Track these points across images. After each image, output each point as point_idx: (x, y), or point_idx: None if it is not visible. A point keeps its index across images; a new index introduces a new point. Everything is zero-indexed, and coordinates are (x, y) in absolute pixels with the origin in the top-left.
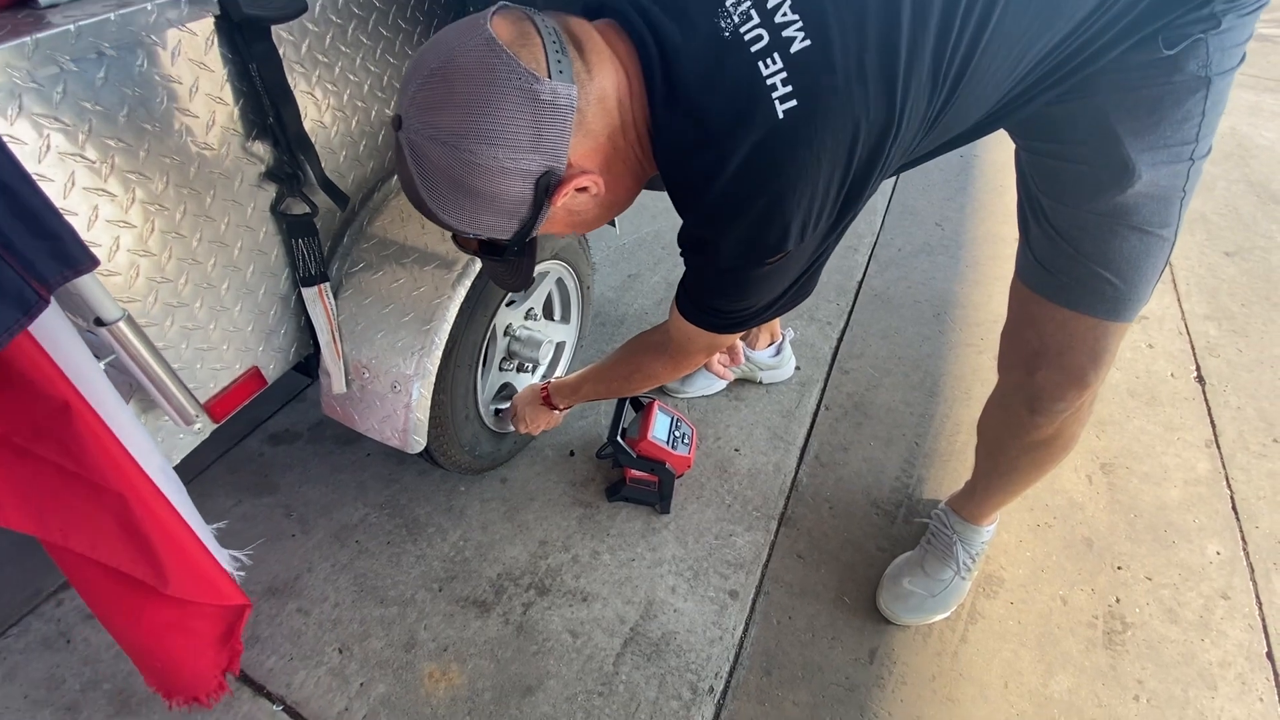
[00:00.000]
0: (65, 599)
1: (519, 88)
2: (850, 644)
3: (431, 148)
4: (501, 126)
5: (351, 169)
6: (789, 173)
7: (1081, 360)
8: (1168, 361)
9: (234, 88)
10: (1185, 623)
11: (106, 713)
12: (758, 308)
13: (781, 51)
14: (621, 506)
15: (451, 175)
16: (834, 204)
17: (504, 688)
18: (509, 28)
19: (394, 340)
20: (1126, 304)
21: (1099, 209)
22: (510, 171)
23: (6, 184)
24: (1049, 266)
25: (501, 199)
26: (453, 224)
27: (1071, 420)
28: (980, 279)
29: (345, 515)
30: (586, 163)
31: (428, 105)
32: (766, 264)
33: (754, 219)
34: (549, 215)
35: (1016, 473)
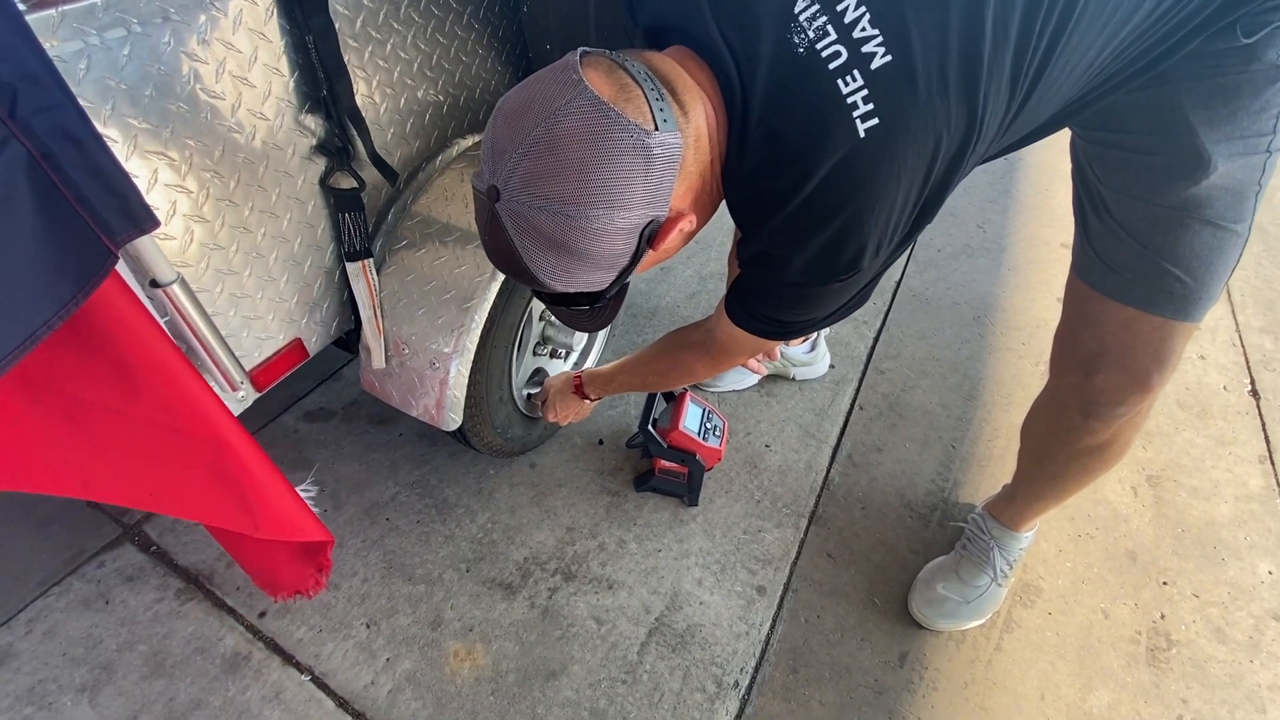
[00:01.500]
0: (106, 560)
1: (631, 147)
2: (880, 646)
3: (539, 217)
4: (616, 189)
5: (399, 146)
6: (868, 191)
7: (1145, 362)
8: (1220, 374)
9: (290, 59)
10: (1234, 643)
11: (141, 673)
12: (816, 320)
13: (862, 68)
14: (649, 497)
15: (560, 242)
16: (909, 220)
17: (528, 670)
18: (606, 82)
19: (434, 317)
20: (1196, 302)
21: (1169, 201)
22: (621, 229)
23: (81, 141)
24: (1111, 263)
25: (608, 255)
26: (553, 285)
27: (1127, 426)
28: (1022, 283)
29: (376, 493)
30: (682, 204)
31: (534, 176)
32: (837, 281)
33: (829, 239)
34: (645, 259)
35: (1062, 479)
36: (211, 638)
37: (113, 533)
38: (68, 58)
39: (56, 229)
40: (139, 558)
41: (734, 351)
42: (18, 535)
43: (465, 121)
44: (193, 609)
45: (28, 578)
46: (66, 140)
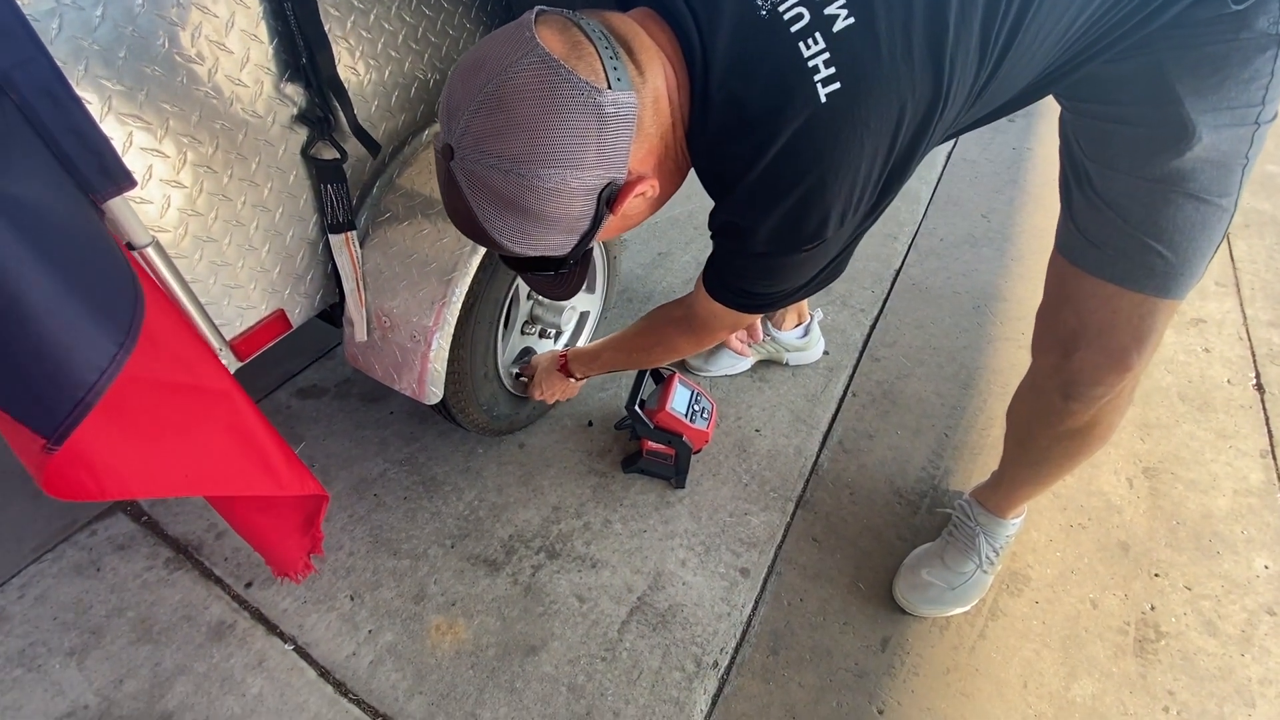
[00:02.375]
0: (99, 529)
1: (582, 104)
2: (862, 631)
3: (492, 176)
4: (567, 147)
5: (383, 119)
6: (831, 158)
7: (1124, 340)
8: (1225, 367)
9: (269, 26)
10: (1225, 636)
11: (129, 639)
12: (787, 291)
13: (824, 31)
14: (636, 478)
15: (514, 202)
16: (874, 188)
17: (508, 645)
18: (559, 39)
19: (415, 291)
20: (1177, 279)
21: (1152, 174)
22: (576, 191)
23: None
24: (1093, 238)
25: (564, 219)
26: (511, 248)
27: (1109, 408)
28: (1025, 274)
29: (365, 469)
30: (643, 167)
31: (485, 134)
32: (802, 251)
33: (792, 207)
34: (606, 224)
35: (1046, 464)
36: (198, 606)
37: (105, 502)
38: (40, 16)
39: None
40: (130, 527)
41: (714, 326)
42: (13, 503)
43: None
44: (181, 577)
45: (22, 544)
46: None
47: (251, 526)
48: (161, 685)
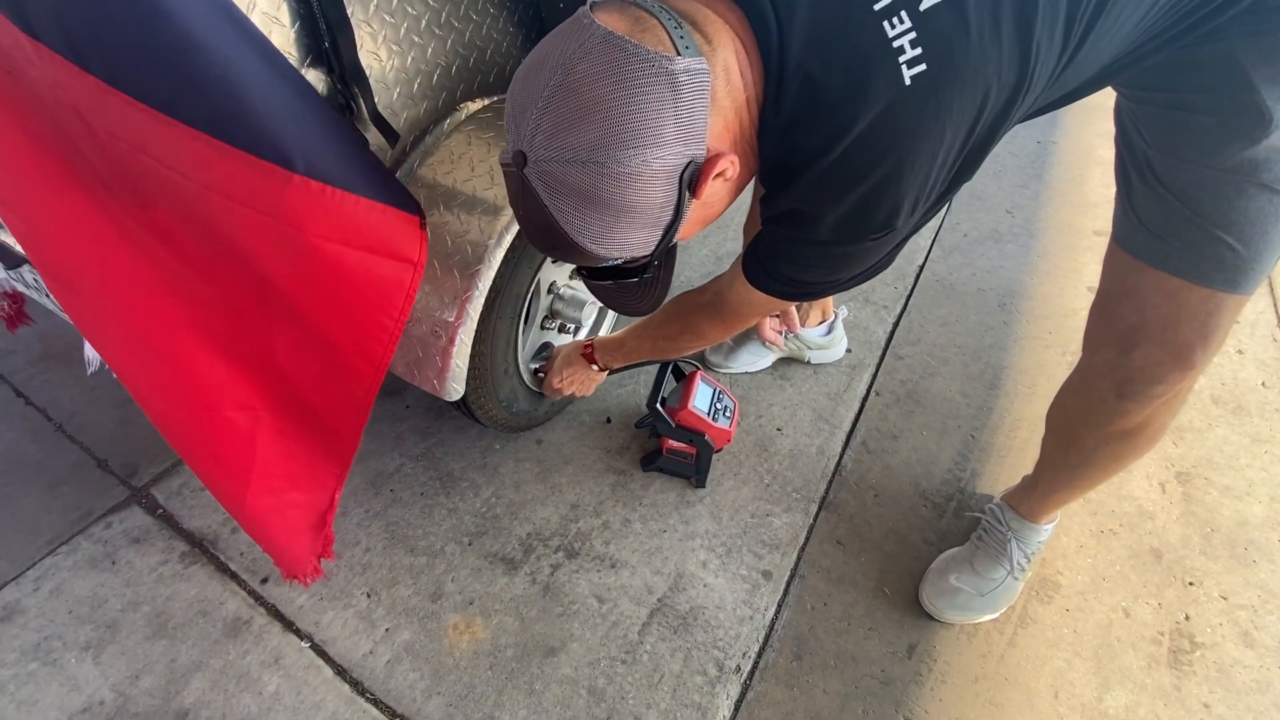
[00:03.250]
0: (114, 521)
1: (654, 74)
2: (888, 636)
3: (569, 172)
4: (644, 123)
5: (405, 107)
6: (910, 145)
7: (1189, 336)
8: (1259, 370)
9: (291, 9)
10: (1263, 648)
11: (144, 633)
12: (839, 281)
13: (910, 8)
14: (656, 477)
15: (595, 196)
16: (947, 176)
17: (527, 646)
18: (619, 17)
19: (438, 284)
20: (1247, 273)
21: (1223, 164)
22: (658, 173)
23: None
24: (1157, 230)
25: (648, 208)
26: (596, 250)
27: (1163, 409)
28: (1052, 270)
29: (382, 464)
30: (721, 143)
31: (558, 127)
32: (869, 240)
33: (865, 194)
34: (689, 214)
35: (1089, 467)
36: (214, 601)
37: (121, 494)
38: None
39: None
40: (145, 520)
41: (745, 313)
42: (29, 494)
43: (475, 84)
44: (196, 572)
45: (37, 536)
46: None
47: (260, 526)
48: (177, 681)
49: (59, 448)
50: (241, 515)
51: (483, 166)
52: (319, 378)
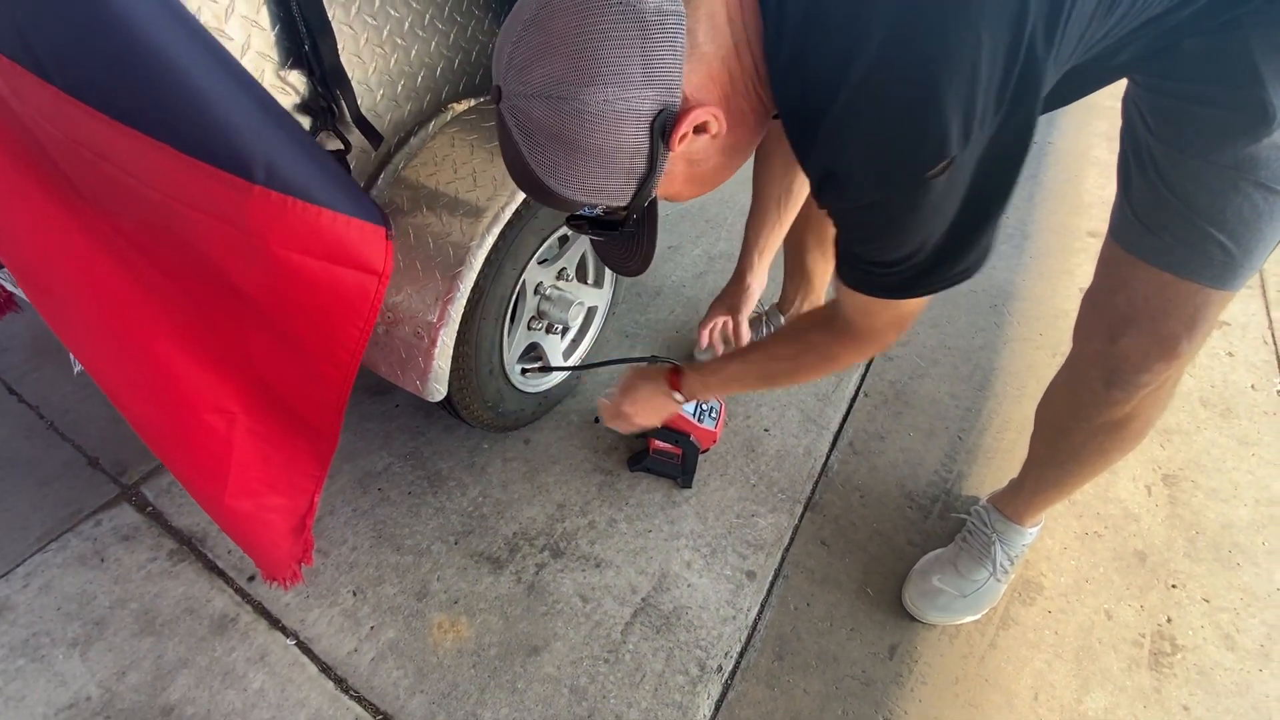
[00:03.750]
0: (104, 519)
1: (620, 10)
2: (870, 637)
3: (534, 106)
4: (606, 60)
5: (389, 109)
6: (939, 51)
7: (1176, 327)
8: (1249, 372)
9: (270, 12)
10: (1243, 650)
11: (132, 630)
12: (926, 254)
13: None
14: (642, 477)
15: (560, 135)
16: (999, 92)
17: (510, 645)
18: None
19: (420, 286)
20: (1237, 270)
21: (1224, 159)
22: (623, 115)
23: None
24: (1151, 225)
25: (616, 152)
26: (566, 193)
27: (1149, 400)
28: (1045, 272)
29: (370, 463)
30: (702, 94)
31: (526, 62)
32: (925, 177)
33: (900, 119)
34: (667, 167)
35: (1076, 463)
36: (201, 599)
37: (111, 492)
38: None
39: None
40: (135, 518)
41: (866, 323)
42: (19, 491)
43: (461, 85)
44: (184, 570)
45: (27, 533)
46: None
47: (240, 529)
48: (163, 678)
49: (51, 445)
50: (221, 518)
51: (465, 169)
52: (292, 382)
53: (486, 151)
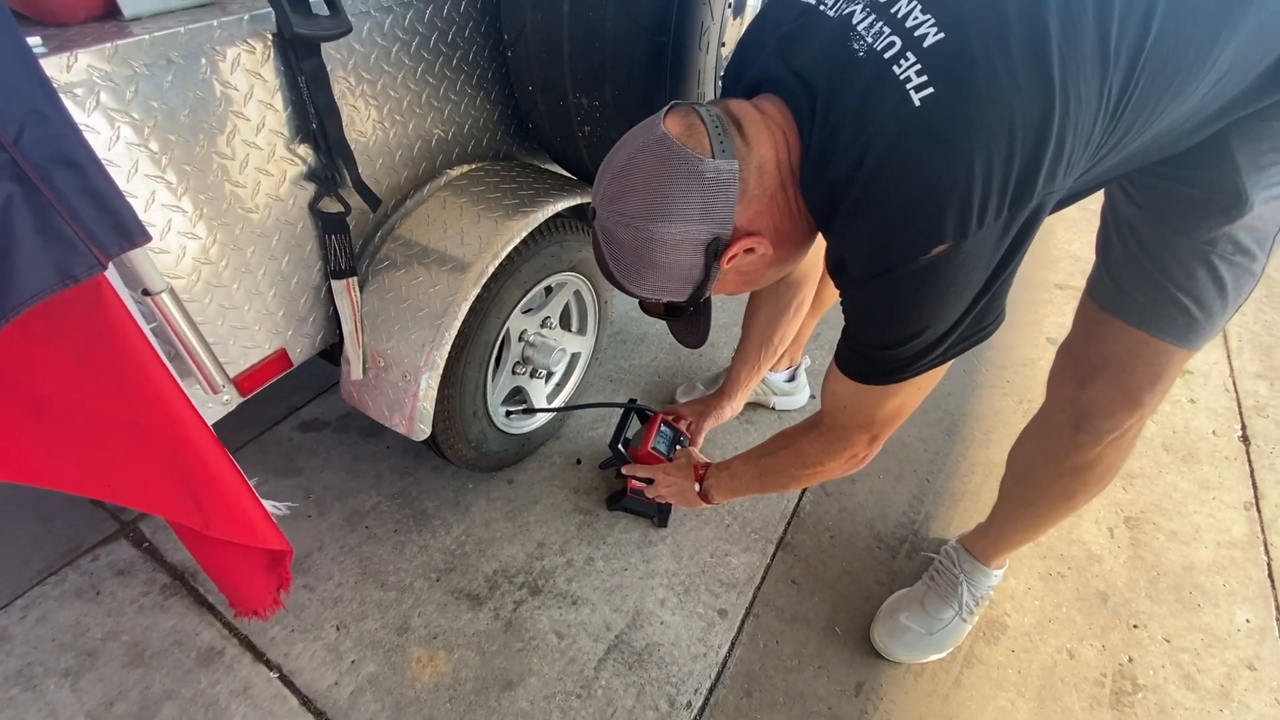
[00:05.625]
0: (101, 554)
1: (687, 170)
2: (837, 675)
3: (618, 230)
4: (674, 205)
5: (387, 175)
6: (934, 159)
7: (1140, 380)
8: (1210, 418)
9: (284, 96)
10: (1203, 690)
11: (122, 661)
12: (925, 341)
13: (915, 49)
14: (621, 517)
15: (635, 251)
16: (1000, 195)
17: (486, 679)
18: (678, 122)
19: (408, 333)
20: (1200, 332)
21: (1199, 234)
22: (682, 242)
23: (80, 164)
24: (1126, 286)
25: (677, 267)
26: (639, 292)
27: (1113, 448)
28: (1013, 321)
29: (359, 502)
30: (752, 226)
31: (614, 196)
32: (921, 260)
33: (898, 210)
34: (719, 276)
35: (1042, 503)
36: (190, 632)
37: (110, 528)
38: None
39: (46, 235)
40: (131, 553)
41: (842, 419)
42: (22, 527)
43: (454, 154)
44: (175, 604)
45: (28, 567)
46: (65, 164)
47: (217, 563)
48: (149, 709)
49: None
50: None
51: (454, 228)
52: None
53: (474, 214)
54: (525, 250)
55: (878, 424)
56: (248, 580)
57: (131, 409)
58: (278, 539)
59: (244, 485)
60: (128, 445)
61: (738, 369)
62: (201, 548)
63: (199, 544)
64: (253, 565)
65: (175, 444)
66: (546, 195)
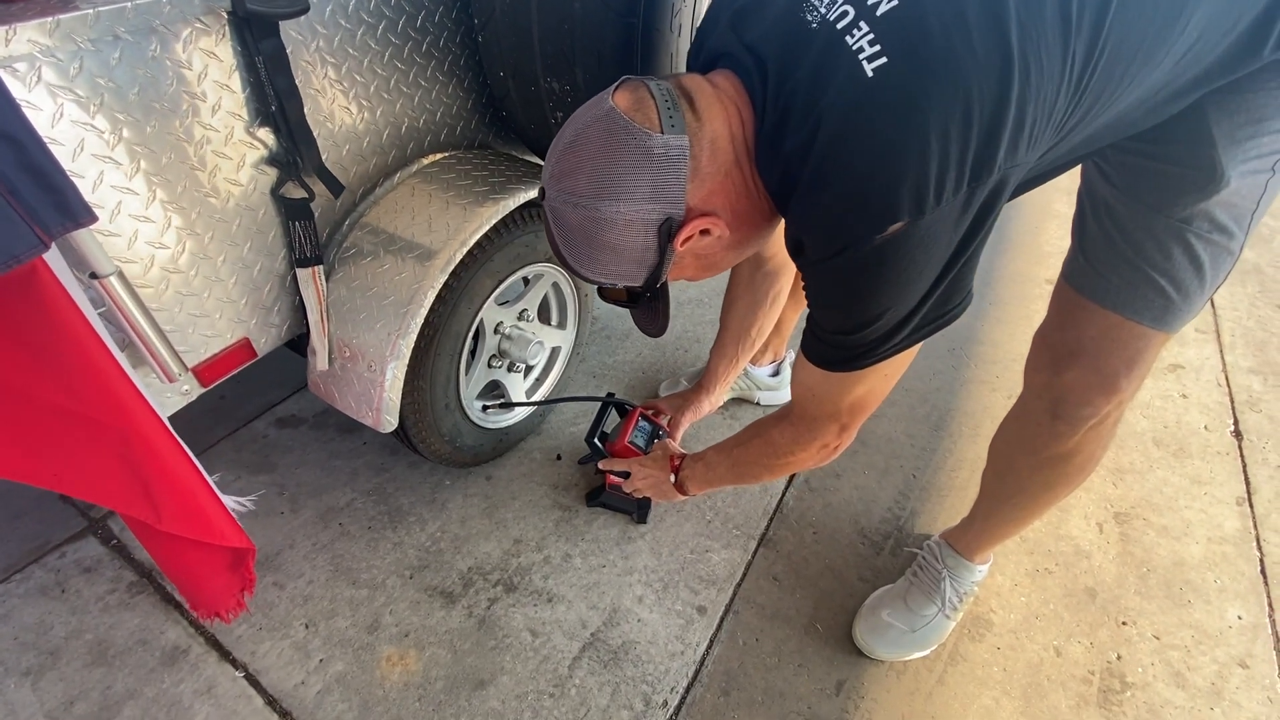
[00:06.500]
0: (68, 551)
1: (634, 147)
2: (818, 673)
3: (566, 210)
4: (622, 183)
5: (355, 163)
6: (888, 132)
7: (1116, 364)
8: (1202, 413)
9: (241, 77)
10: (1194, 688)
11: (84, 660)
12: (887, 325)
13: (868, 17)
14: (600, 513)
15: (585, 233)
16: (959, 169)
17: (457, 678)
18: (626, 96)
19: (373, 322)
20: (1177, 314)
21: (1175, 213)
22: (633, 223)
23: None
24: (1101, 269)
25: (628, 249)
26: (591, 275)
27: (1092, 436)
28: (1003, 317)
29: (333, 498)
30: (706, 205)
31: (561, 174)
32: (877, 239)
33: (854, 186)
34: (675, 259)
35: (1024, 496)
36: (155, 630)
37: (78, 525)
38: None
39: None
40: (99, 550)
41: (811, 409)
42: None
43: (426, 142)
44: (141, 601)
45: None
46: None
47: (175, 561)
48: (110, 709)
49: None
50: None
51: (422, 215)
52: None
53: (442, 200)
54: (498, 239)
55: (845, 412)
56: (209, 580)
57: (74, 396)
58: (238, 536)
59: (201, 480)
60: (73, 433)
61: (715, 362)
62: (158, 544)
63: (155, 541)
64: (214, 564)
65: (124, 434)
66: (519, 182)
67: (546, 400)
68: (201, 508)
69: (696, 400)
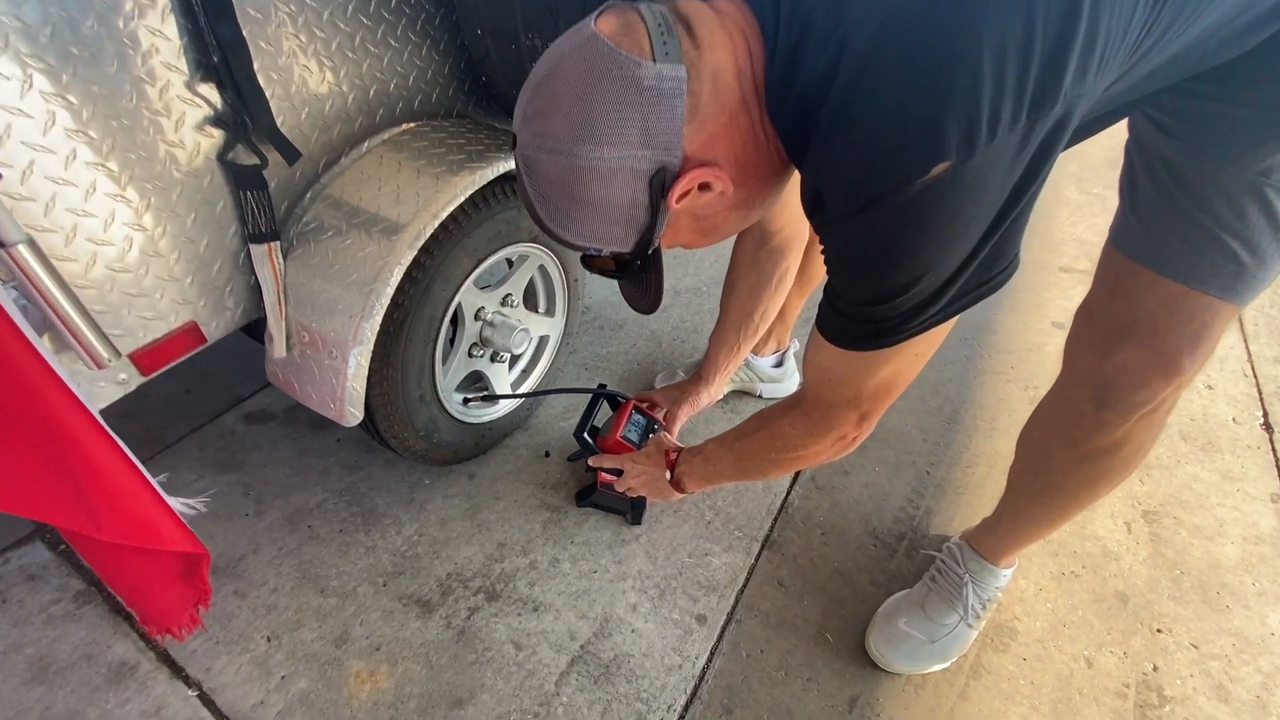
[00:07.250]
0: (13, 557)
1: (620, 77)
2: (828, 688)
3: (541, 158)
4: (606, 122)
5: (315, 129)
6: (929, 54)
7: (1179, 341)
8: (1229, 405)
9: (178, 24)
10: (1238, 702)
11: (23, 678)
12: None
13: None
14: (591, 513)
15: (563, 185)
16: (1017, 96)
17: (432, 696)
18: (612, 20)
19: (334, 303)
20: (1251, 283)
21: (1249, 165)
22: (620, 172)
23: None
24: (1158, 231)
25: (615, 205)
26: (570, 238)
27: (1144, 424)
28: (1017, 305)
29: (303, 499)
30: (707, 154)
31: (535, 114)
32: (916, 184)
33: (888, 114)
34: (670, 220)
35: (1060, 495)
36: (101, 644)
37: (26, 529)
38: None
39: None
40: (45, 556)
41: (825, 396)
42: None
43: (398, 109)
44: (88, 613)
45: None
46: None
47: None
48: None
49: None
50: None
51: (390, 185)
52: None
53: (413, 169)
54: (475, 214)
55: (867, 399)
56: (159, 593)
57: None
58: (188, 540)
59: (141, 479)
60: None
61: (715, 351)
62: (102, 557)
63: (98, 553)
64: (164, 575)
65: (47, 431)
66: (498, 152)
67: (532, 393)
68: (145, 511)
69: (695, 392)
